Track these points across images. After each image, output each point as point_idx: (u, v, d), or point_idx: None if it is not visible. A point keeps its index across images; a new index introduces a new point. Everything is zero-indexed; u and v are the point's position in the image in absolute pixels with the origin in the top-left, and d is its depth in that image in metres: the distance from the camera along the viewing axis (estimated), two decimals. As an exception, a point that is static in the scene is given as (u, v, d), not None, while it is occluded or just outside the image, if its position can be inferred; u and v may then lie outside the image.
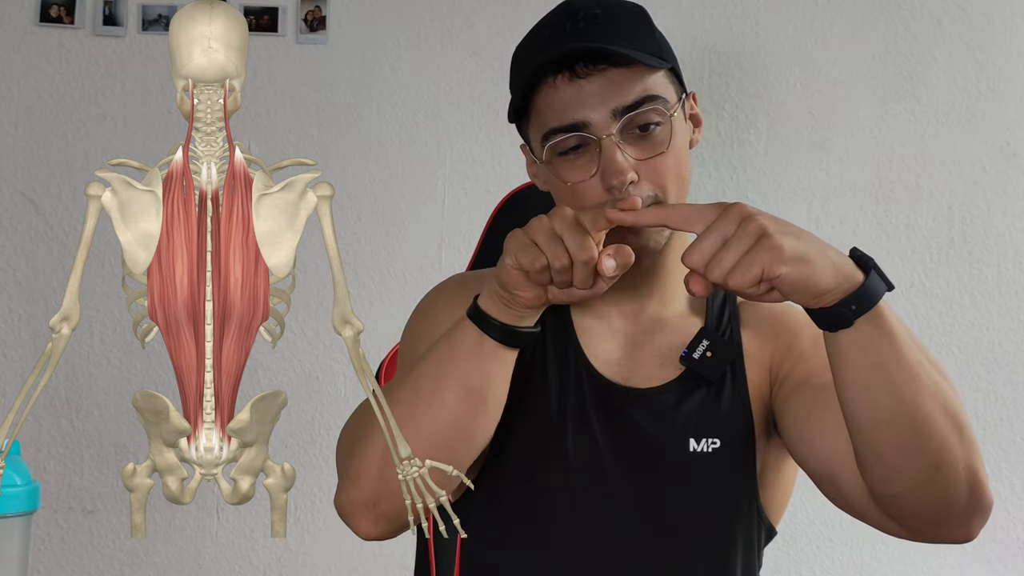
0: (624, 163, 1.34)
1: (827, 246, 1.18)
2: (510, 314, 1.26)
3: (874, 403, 1.21)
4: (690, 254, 1.16)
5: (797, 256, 1.14)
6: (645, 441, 1.43)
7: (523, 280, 1.22)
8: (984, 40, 2.66)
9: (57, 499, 2.61)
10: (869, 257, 1.19)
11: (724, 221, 1.15)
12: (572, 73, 1.36)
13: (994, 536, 2.59)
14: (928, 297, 2.64)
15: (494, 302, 1.27)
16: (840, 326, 1.18)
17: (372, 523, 1.33)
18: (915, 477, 1.23)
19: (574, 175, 1.37)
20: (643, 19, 1.43)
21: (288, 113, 2.65)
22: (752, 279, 1.13)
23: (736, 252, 1.13)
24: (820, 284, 1.15)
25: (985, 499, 1.27)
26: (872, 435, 1.23)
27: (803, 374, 1.40)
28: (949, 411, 1.22)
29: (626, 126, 1.35)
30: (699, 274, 1.16)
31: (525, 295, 1.24)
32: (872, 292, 1.17)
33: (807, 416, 1.36)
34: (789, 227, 1.16)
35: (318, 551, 2.64)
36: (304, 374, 2.63)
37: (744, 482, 1.45)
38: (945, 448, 1.22)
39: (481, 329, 1.27)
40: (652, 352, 1.46)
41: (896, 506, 1.28)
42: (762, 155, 2.66)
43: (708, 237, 1.15)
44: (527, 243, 1.21)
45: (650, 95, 1.37)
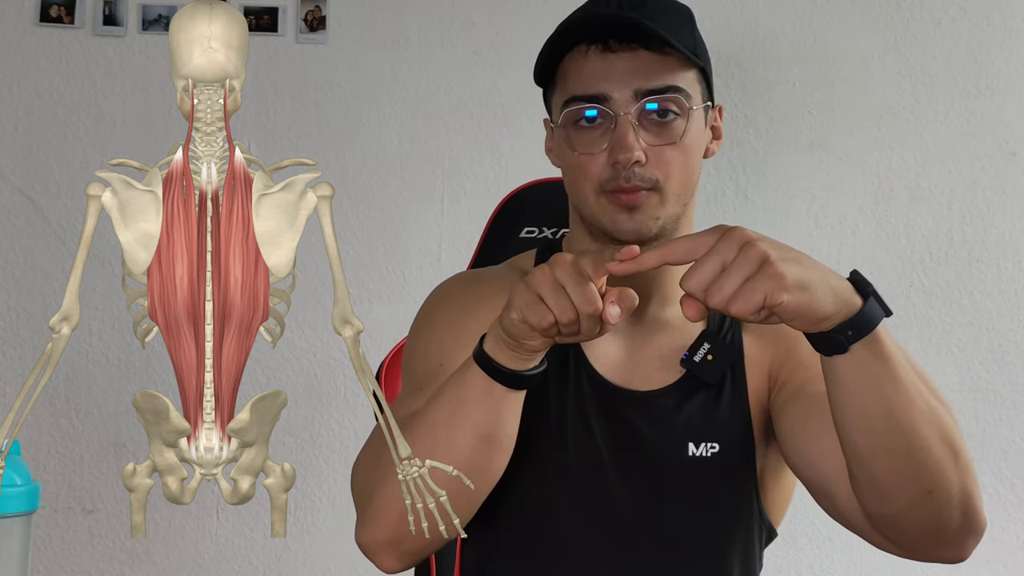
0: (635, 142, 1.35)
1: (827, 271, 1.17)
2: (517, 360, 1.25)
3: (870, 427, 1.21)
4: (689, 279, 1.13)
5: (799, 283, 1.12)
6: (644, 445, 1.43)
7: (530, 332, 1.21)
8: (984, 40, 2.66)
9: (57, 499, 2.61)
10: (868, 283, 1.18)
11: (724, 246, 1.13)
12: (605, 46, 1.38)
13: (994, 536, 2.58)
14: (928, 297, 2.64)
15: (500, 348, 1.25)
16: (836, 351, 1.18)
17: (395, 560, 1.34)
18: (909, 500, 1.23)
19: (584, 146, 1.38)
20: (687, 17, 1.45)
21: (288, 113, 2.65)
22: (755, 306, 1.11)
23: (737, 278, 1.11)
24: (820, 311, 1.14)
25: (979, 522, 1.27)
26: (867, 458, 1.23)
27: (801, 381, 1.40)
28: (944, 436, 1.22)
29: (645, 111, 1.36)
30: (695, 299, 1.14)
31: (532, 344, 1.23)
32: (869, 318, 1.17)
33: (803, 427, 1.36)
34: (790, 252, 1.14)
35: (318, 551, 2.64)
36: (304, 374, 2.63)
37: (744, 486, 1.45)
38: (940, 473, 1.22)
39: (489, 375, 1.26)
40: (652, 354, 1.46)
41: (889, 526, 1.28)
42: (762, 155, 2.66)
43: (708, 262, 1.13)
44: (533, 299, 1.19)
45: (675, 86, 1.38)
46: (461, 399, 1.28)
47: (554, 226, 1.69)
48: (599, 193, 1.39)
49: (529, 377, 1.27)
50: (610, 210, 1.38)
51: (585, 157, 1.38)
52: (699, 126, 1.41)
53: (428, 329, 1.48)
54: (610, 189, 1.38)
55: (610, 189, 1.38)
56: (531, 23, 2.63)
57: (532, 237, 1.70)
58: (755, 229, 1.16)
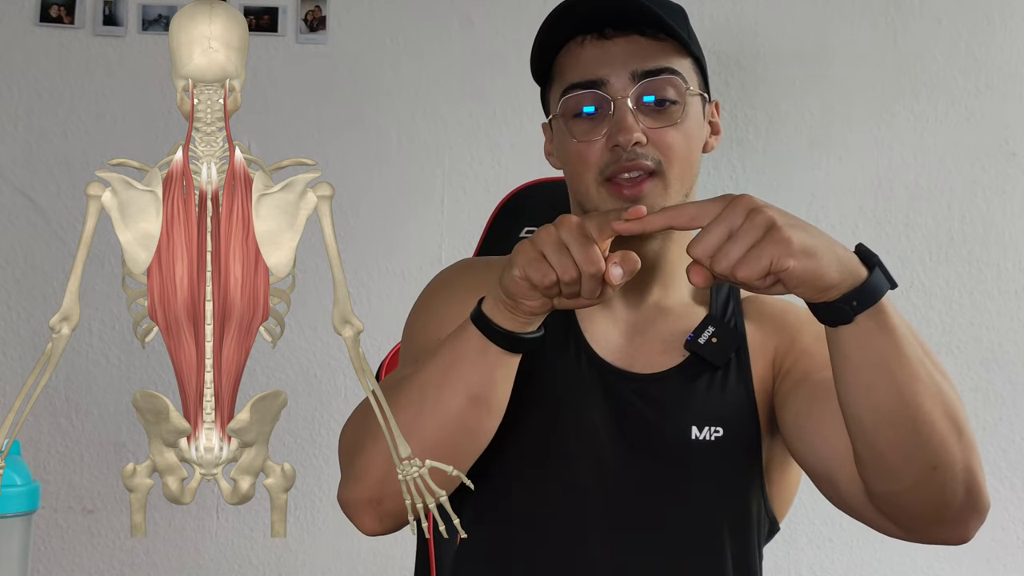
0: (634, 124, 1.36)
1: (833, 241, 1.17)
2: (515, 321, 1.25)
3: (874, 401, 1.21)
4: (695, 245, 1.14)
5: (805, 250, 1.13)
6: (645, 427, 1.43)
7: (530, 290, 1.21)
8: (984, 39, 2.66)
9: (57, 499, 2.61)
10: (874, 254, 1.19)
11: (731, 212, 1.13)
12: (600, 35, 1.39)
13: (994, 536, 2.59)
14: (928, 297, 2.64)
15: (499, 309, 1.25)
16: (841, 322, 1.18)
17: (376, 520, 1.33)
18: (913, 476, 1.23)
19: (583, 134, 1.39)
20: (681, 14, 1.46)
21: (288, 113, 2.65)
22: (760, 271, 1.12)
23: (744, 244, 1.12)
24: (826, 278, 1.15)
25: (982, 501, 1.27)
26: (871, 433, 1.23)
27: (805, 370, 1.40)
28: (949, 411, 1.22)
29: (642, 95, 1.37)
30: (701, 265, 1.14)
31: (531, 304, 1.23)
32: (875, 289, 1.17)
33: (808, 414, 1.36)
34: (796, 220, 1.15)
35: (318, 551, 2.64)
36: (303, 373, 2.63)
37: (748, 473, 1.44)
38: (944, 448, 1.22)
39: (485, 336, 1.26)
40: (654, 338, 1.46)
41: (893, 504, 1.28)
42: (761, 154, 2.66)
43: (714, 228, 1.13)
44: (536, 257, 1.20)
45: (672, 68, 1.39)
46: (455, 359, 1.28)
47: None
48: (600, 183, 1.38)
49: (526, 340, 1.26)
50: (612, 201, 1.38)
51: (584, 145, 1.38)
52: (697, 113, 1.41)
53: (429, 309, 1.48)
54: (611, 174, 1.37)
55: (611, 174, 1.37)
56: (531, 23, 2.62)
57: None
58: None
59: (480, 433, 1.32)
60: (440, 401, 1.28)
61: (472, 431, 1.30)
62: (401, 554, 2.62)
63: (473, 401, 1.28)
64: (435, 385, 1.29)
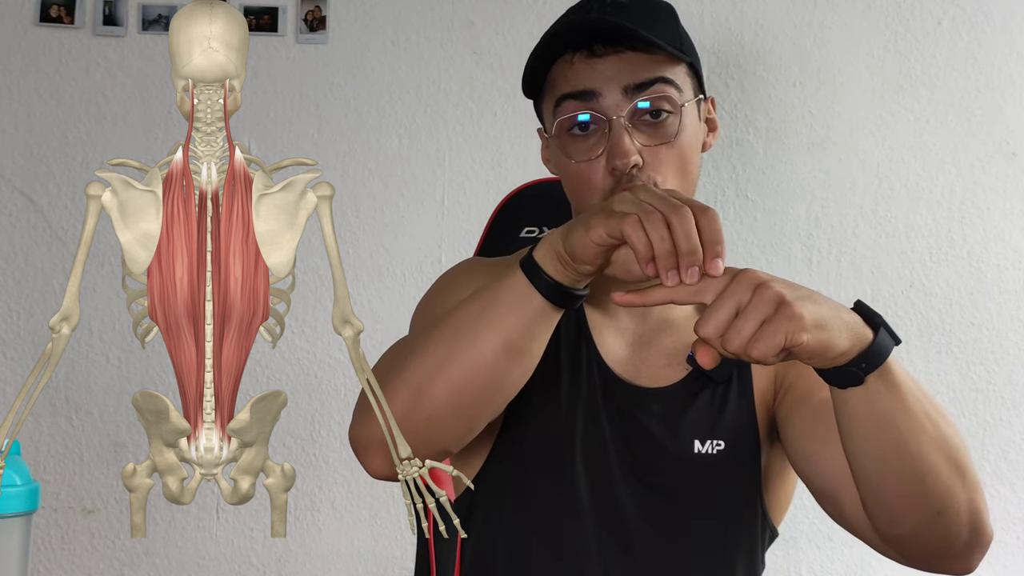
0: (631, 146, 1.34)
1: (838, 306, 1.15)
2: (565, 275, 1.21)
3: (880, 454, 1.20)
4: (704, 324, 1.09)
5: (817, 323, 1.10)
6: (650, 440, 1.43)
7: (600, 255, 1.17)
8: (984, 40, 2.66)
9: (57, 499, 2.61)
10: (876, 313, 1.17)
11: (737, 289, 1.09)
12: (590, 52, 1.37)
13: (994, 536, 2.59)
14: (928, 297, 2.64)
15: (552, 259, 1.21)
16: (850, 384, 1.16)
17: (384, 461, 1.23)
18: (918, 521, 1.23)
19: (581, 154, 1.37)
20: (670, 13, 1.44)
21: (288, 113, 2.65)
22: (775, 348, 1.08)
23: (754, 321, 1.08)
24: (838, 348, 1.12)
25: (986, 536, 1.28)
26: (876, 483, 1.23)
27: (807, 386, 1.40)
28: (952, 457, 1.21)
29: (637, 111, 1.36)
30: (708, 344, 1.10)
31: (591, 267, 1.19)
32: (882, 349, 1.15)
33: (810, 434, 1.36)
34: (803, 291, 1.12)
35: (318, 551, 2.64)
36: (303, 373, 2.63)
37: (749, 484, 1.45)
38: (949, 494, 1.22)
39: (532, 283, 1.22)
40: (659, 352, 1.46)
41: (898, 544, 1.29)
42: (761, 154, 2.66)
43: (722, 306, 1.09)
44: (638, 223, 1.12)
45: (664, 76, 1.37)
46: (495, 301, 1.24)
47: (554, 226, 1.69)
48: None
49: (573, 295, 1.22)
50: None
51: (583, 165, 1.37)
52: (693, 121, 1.40)
53: (451, 287, 1.45)
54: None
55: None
56: (531, 23, 2.63)
57: (532, 237, 1.70)
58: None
59: (508, 383, 1.27)
60: (474, 344, 1.23)
61: (501, 379, 1.26)
62: (401, 554, 2.62)
63: (507, 348, 1.24)
64: (471, 325, 1.24)
